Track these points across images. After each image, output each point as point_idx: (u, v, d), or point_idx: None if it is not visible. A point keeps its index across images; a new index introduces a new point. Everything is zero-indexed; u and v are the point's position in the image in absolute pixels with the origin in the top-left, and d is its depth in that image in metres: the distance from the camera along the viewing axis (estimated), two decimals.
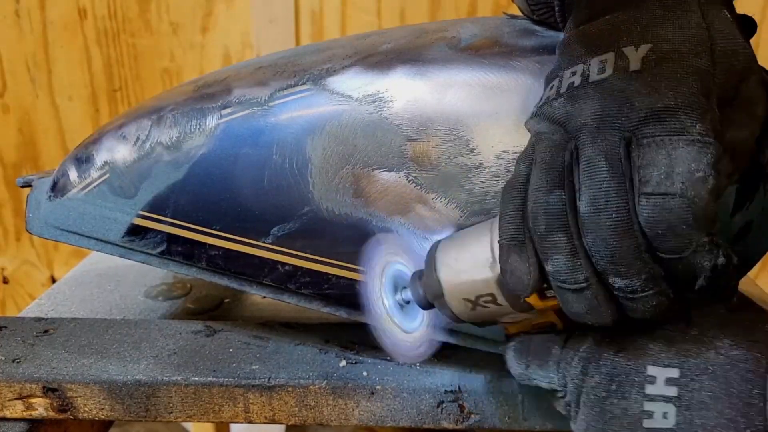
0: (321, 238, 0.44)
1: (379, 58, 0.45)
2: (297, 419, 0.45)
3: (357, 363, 0.46)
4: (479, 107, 0.41)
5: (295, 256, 0.45)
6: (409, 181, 0.43)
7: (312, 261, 0.45)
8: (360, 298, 0.40)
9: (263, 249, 0.46)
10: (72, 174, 0.49)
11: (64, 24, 1.15)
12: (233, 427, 1.12)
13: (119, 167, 0.47)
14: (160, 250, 0.48)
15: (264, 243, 0.46)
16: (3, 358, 0.47)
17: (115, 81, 1.18)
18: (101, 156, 0.48)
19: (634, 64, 0.31)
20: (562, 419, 0.42)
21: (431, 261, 0.37)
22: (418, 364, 0.46)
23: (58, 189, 0.49)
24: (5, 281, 1.30)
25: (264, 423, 0.46)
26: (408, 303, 0.39)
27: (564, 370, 0.35)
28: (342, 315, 0.47)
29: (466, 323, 0.37)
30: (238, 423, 0.67)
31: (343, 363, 0.46)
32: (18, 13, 1.15)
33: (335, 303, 0.47)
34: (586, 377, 0.34)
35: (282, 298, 0.48)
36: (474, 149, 0.41)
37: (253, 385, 0.45)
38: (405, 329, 0.39)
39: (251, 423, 0.46)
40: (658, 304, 0.30)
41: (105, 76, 1.18)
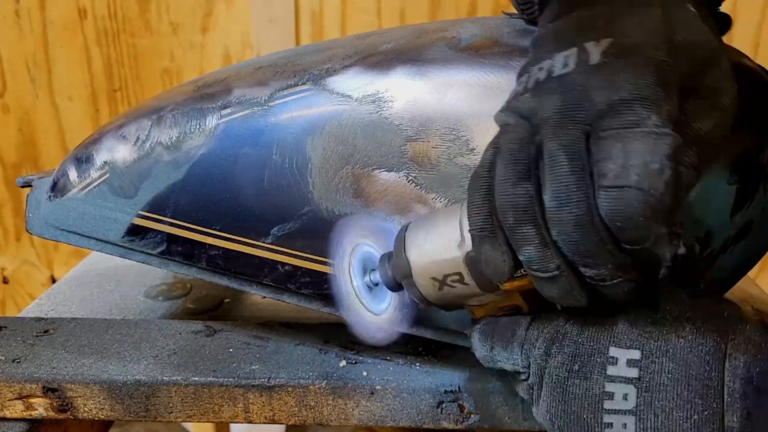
0: (321, 238, 0.44)
1: (379, 58, 0.45)
2: (297, 419, 0.45)
3: (357, 363, 0.46)
4: (479, 107, 0.41)
5: (295, 256, 0.45)
6: (409, 181, 0.43)
7: (312, 261, 0.45)
8: (330, 280, 0.40)
9: (263, 249, 0.46)
10: (72, 174, 0.49)
11: (64, 24, 1.15)
12: (233, 427, 1.12)
13: (119, 167, 0.47)
14: (160, 250, 0.48)
15: (264, 243, 0.46)
16: (3, 358, 0.47)
17: (115, 81, 1.18)
18: (101, 156, 0.48)
19: (594, 58, 0.31)
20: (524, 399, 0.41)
21: (400, 241, 0.37)
22: (417, 363, 0.46)
23: (58, 189, 0.49)
24: (5, 281, 1.30)
25: (264, 423, 0.46)
26: (377, 285, 0.39)
27: (528, 351, 0.36)
28: (342, 315, 0.47)
29: (433, 306, 0.37)
30: (238, 423, 0.67)
31: (343, 363, 0.46)
32: (18, 13, 1.15)
33: (335, 303, 0.47)
34: (549, 357, 0.34)
35: (282, 298, 0.48)
36: (474, 149, 0.41)
37: (253, 385, 0.45)
38: (373, 311, 0.39)
39: (251, 423, 0.46)
40: (629, 290, 0.31)
41: (105, 76, 1.18)
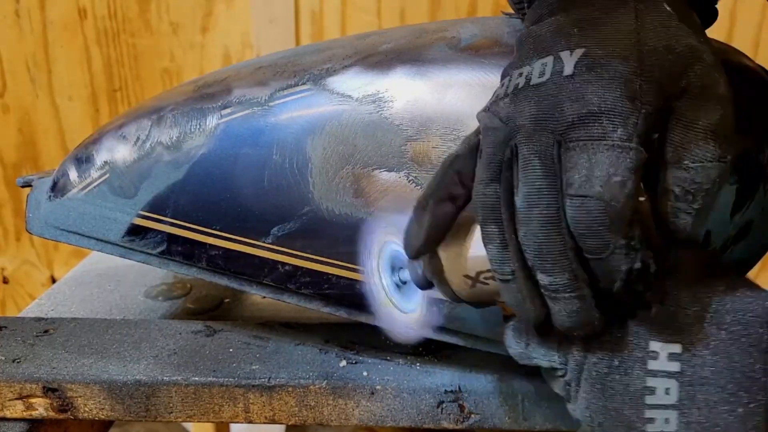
0: (321, 238, 0.44)
1: (379, 58, 0.45)
2: (297, 419, 0.45)
3: (357, 363, 0.46)
4: (479, 107, 0.41)
5: (295, 256, 0.45)
6: (409, 181, 0.43)
7: (312, 261, 0.45)
8: (359, 282, 0.40)
9: (263, 249, 0.46)
10: (72, 174, 0.49)
11: (64, 24, 1.15)
12: (233, 427, 1.12)
13: (119, 167, 0.47)
14: (160, 250, 0.48)
15: (264, 243, 0.46)
16: (3, 358, 0.47)
17: (115, 81, 1.18)
18: (101, 156, 0.48)
19: (567, 68, 0.32)
20: (562, 419, 0.42)
21: None
22: (418, 363, 0.46)
23: (58, 189, 0.49)
24: (5, 281, 1.30)
25: (264, 423, 0.46)
26: (405, 283, 0.39)
27: (565, 347, 0.35)
28: (342, 315, 0.47)
29: (464, 302, 0.37)
30: (238, 423, 0.67)
31: (343, 363, 0.46)
32: (18, 13, 1.15)
33: (335, 303, 0.47)
34: (588, 353, 0.34)
35: (282, 298, 0.48)
36: None
37: (253, 385, 0.45)
38: (402, 309, 0.39)
39: (251, 423, 0.46)
40: (577, 309, 0.31)
41: (105, 76, 1.18)
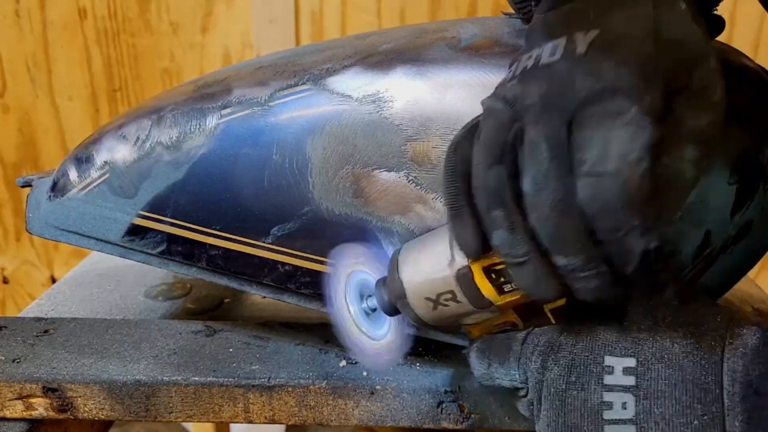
0: (321, 238, 0.44)
1: (379, 58, 0.45)
2: (297, 419, 0.45)
3: (357, 363, 0.46)
4: (479, 107, 0.41)
5: (295, 256, 0.45)
6: (409, 181, 0.43)
7: (312, 261, 0.45)
8: (327, 306, 0.40)
9: (263, 249, 0.46)
10: (72, 174, 0.49)
11: (64, 24, 1.15)
12: (233, 427, 1.12)
13: (119, 167, 0.47)
14: (160, 250, 0.48)
15: (264, 243, 0.46)
16: (3, 358, 0.47)
17: (115, 81, 1.18)
18: (101, 156, 0.48)
19: (581, 48, 0.31)
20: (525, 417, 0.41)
21: (394, 263, 0.37)
22: (418, 363, 0.46)
23: (58, 189, 0.49)
24: (5, 281, 1.30)
25: (264, 423, 0.46)
26: (374, 311, 0.39)
27: (524, 365, 0.36)
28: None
29: (429, 327, 0.37)
30: (238, 423, 0.67)
31: (343, 363, 0.46)
32: (18, 13, 1.15)
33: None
34: (545, 370, 0.34)
35: (282, 298, 0.48)
36: None
37: (253, 385, 0.45)
38: (372, 336, 0.39)
39: (251, 423, 0.46)
40: (597, 286, 0.31)
41: (105, 76, 1.18)
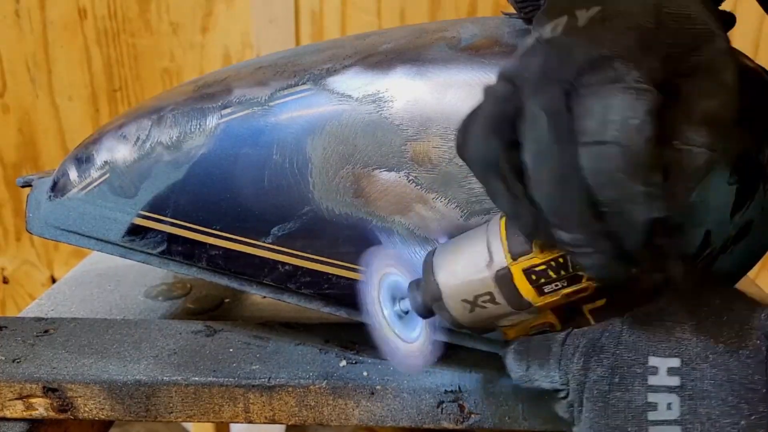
0: (321, 238, 0.44)
1: (379, 58, 0.45)
2: (297, 419, 0.45)
3: (357, 363, 0.46)
4: None
5: (295, 256, 0.45)
6: (409, 181, 0.43)
7: (312, 261, 0.45)
8: (360, 308, 0.40)
9: (263, 249, 0.46)
10: (72, 174, 0.49)
11: (64, 24, 1.15)
12: (233, 427, 1.12)
13: (119, 167, 0.47)
14: (160, 249, 0.48)
15: (264, 243, 0.46)
16: (3, 358, 0.47)
17: (115, 81, 1.18)
18: (101, 156, 0.48)
19: (581, 22, 0.31)
20: (562, 419, 0.41)
21: (428, 266, 0.37)
22: None
23: (58, 189, 0.49)
24: (5, 281, 1.30)
25: (264, 423, 0.46)
26: (407, 313, 0.39)
27: (565, 366, 0.35)
28: (342, 315, 0.47)
29: (465, 329, 0.37)
30: (238, 423, 0.67)
31: (343, 363, 0.46)
32: (18, 13, 1.15)
33: (335, 303, 0.47)
34: (588, 372, 0.34)
35: (282, 298, 0.48)
36: None
37: (253, 385, 0.45)
38: (405, 339, 0.39)
39: (251, 423, 0.46)
40: (601, 262, 0.30)
41: (105, 76, 1.18)
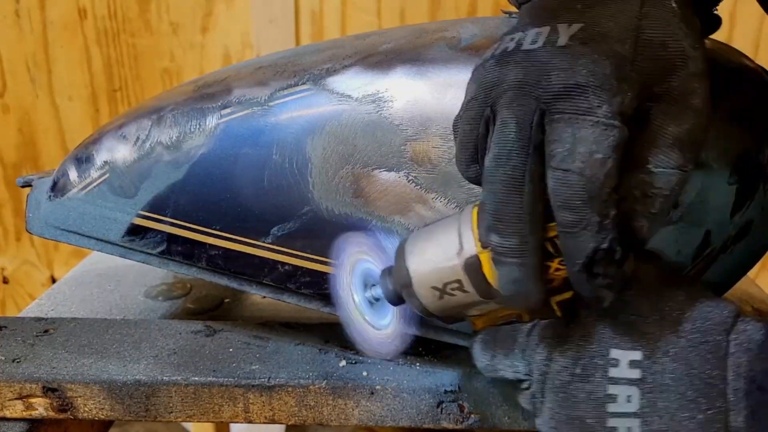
0: (321, 238, 0.44)
1: (379, 58, 0.45)
2: (297, 419, 0.45)
3: (357, 363, 0.46)
4: None
5: (295, 256, 0.45)
6: (409, 181, 0.43)
7: (312, 261, 0.45)
8: (331, 296, 0.40)
9: (263, 249, 0.46)
10: (72, 174, 0.49)
11: (64, 24, 1.15)
12: (233, 427, 1.12)
13: (119, 167, 0.47)
14: (160, 249, 0.48)
15: (264, 243, 0.46)
16: (3, 358, 0.47)
17: (115, 81, 1.18)
18: (101, 156, 0.48)
19: (562, 39, 0.32)
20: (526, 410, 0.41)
21: (400, 252, 0.37)
22: (418, 363, 0.46)
23: (58, 189, 0.49)
24: (5, 281, 1.30)
25: (264, 423, 0.46)
26: (378, 300, 0.39)
27: (529, 357, 0.35)
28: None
29: (434, 317, 0.37)
30: (238, 423, 0.67)
31: (343, 363, 0.46)
32: (18, 13, 1.15)
33: (333, 301, 0.47)
34: (550, 362, 0.34)
35: (282, 298, 0.48)
36: None
37: (253, 385, 0.45)
38: (375, 326, 0.39)
39: (251, 423, 0.46)
40: (518, 277, 0.31)
41: (105, 76, 1.18)
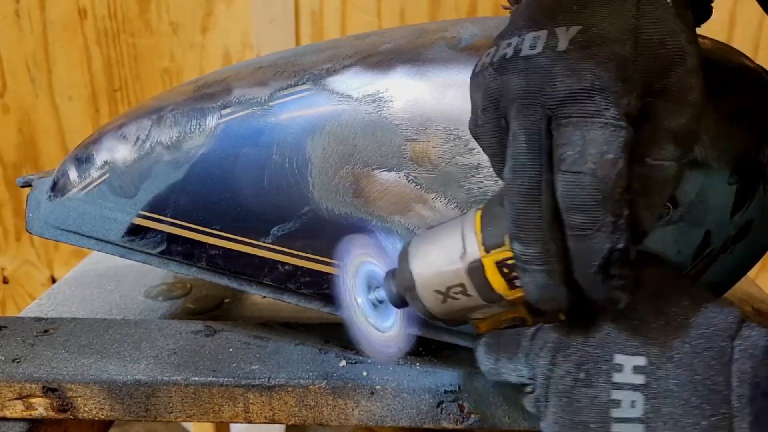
0: (321, 238, 0.44)
1: (379, 58, 0.45)
2: (297, 419, 0.45)
3: (357, 363, 0.46)
4: None
5: (295, 256, 0.45)
6: (409, 181, 0.43)
7: (312, 261, 0.45)
8: (334, 298, 0.40)
9: (263, 249, 0.46)
10: (72, 174, 0.49)
11: (64, 24, 1.15)
12: (233, 427, 1.12)
13: (119, 167, 0.47)
14: (160, 249, 0.48)
15: (264, 243, 0.46)
16: (3, 358, 0.47)
17: (115, 81, 1.18)
18: (101, 156, 0.48)
19: (562, 44, 0.32)
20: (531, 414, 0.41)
21: (404, 255, 0.37)
22: (418, 363, 0.46)
23: (58, 189, 0.49)
24: (5, 281, 1.30)
25: (264, 423, 0.46)
26: (381, 302, 0.39)
27: (533, 361, 0.36)
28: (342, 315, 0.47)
29: (438, 320, 0.37)
30: (238, 423, 0.67)
31: (343, 363, 0.46)
32: (18, 13, 1.15)
33: (335, 303, 0.47)
34: (554, 367, 0.34)
35: (282, 298, 0.48)
36: (473, 149, 0.41)
37: (253, 385, 0.45)
38: (379, 328, 0.39)
39: (251, 423, 0.46)
40: (545, 282, 0.32)
41: (105, 76, 1.18)
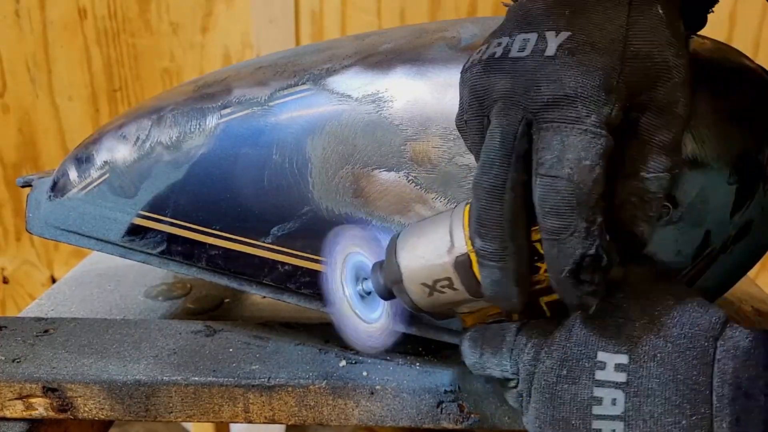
0: (321, 237, 0.44)
1: (379, 58, 0.45)
2: (297, 419, 0.45)
3: (357, 363, 0.46)
4: None
5: (295, 256, 0.45)
6: (409, 181, 0.43)
7: (312, 261, 0.45)
8: (322, 288, 0.40)
9: (263, 249, 0.46)
10: (72, 174, 0.49)
11: (64, 24, 1.15)
12: (233, 427, 1.12)
13: (119, 167, 0.47)
14: (160, 249, 0.48)
15: (264, 243, 0.46)
16: (3, 358, 0.47)
17: (115, 81, 1.18)
18: (101, 156, 0.48)
19: (550, 49, 0.32)
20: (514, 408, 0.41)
21: (392, 248, 0.37)
22: (418, 363, 0.46)
23: (58, 189, 0.49)
24: (5, 281, 1.30)
25: (264, 423, 0.46)
26: (369, 294, 0.39)
27: (517, 356, 0.36)
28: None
29: (424, 313, 0.37)
30: (238, 423, 0.67)
31: (343, 363, 0.46)
32: (18, 13, 1.15)
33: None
34: (537, 363, 0.35)
35: (282, 298, 0.48)
36: None
37: (253, 385, 0.45)
38: (365, 319, 0.39)
39: (251, 423, 0.46)
40: (498, 280, 0.33)
41: (105, 76, 1.18)
